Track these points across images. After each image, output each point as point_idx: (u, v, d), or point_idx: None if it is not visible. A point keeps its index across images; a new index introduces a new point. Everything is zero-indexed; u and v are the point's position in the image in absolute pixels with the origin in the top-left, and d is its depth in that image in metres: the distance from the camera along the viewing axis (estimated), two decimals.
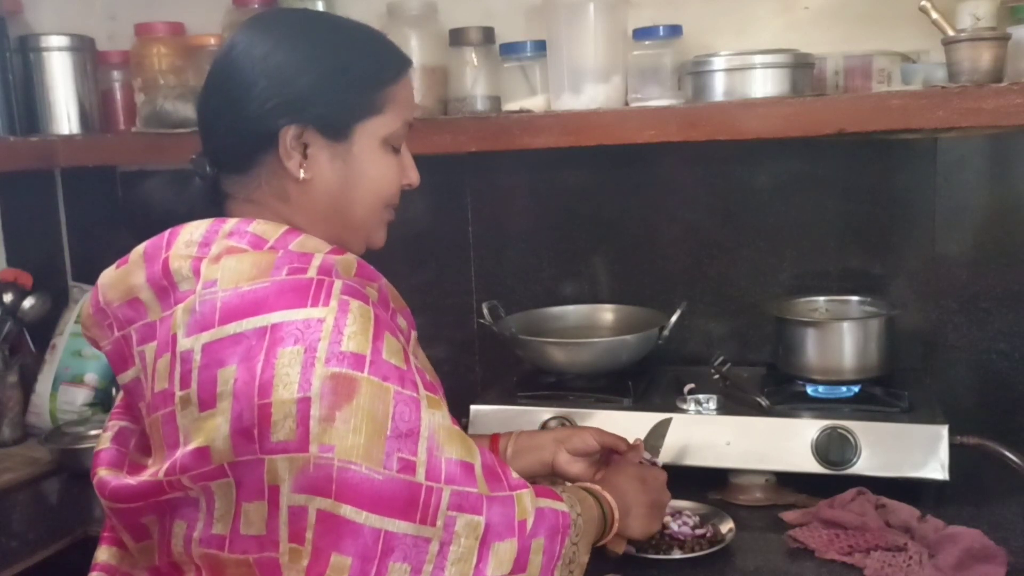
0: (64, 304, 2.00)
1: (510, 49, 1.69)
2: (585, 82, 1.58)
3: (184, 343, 0.96)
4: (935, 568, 1.21)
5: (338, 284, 0.98)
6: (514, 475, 1.03)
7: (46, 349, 1.96)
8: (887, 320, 1.56)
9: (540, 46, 1.65)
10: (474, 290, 1.93)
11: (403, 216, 1.94)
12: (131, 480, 1.02)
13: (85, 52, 1.92)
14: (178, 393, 0.96)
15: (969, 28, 1.36)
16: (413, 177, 1.17)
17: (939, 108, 1.33)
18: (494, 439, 1.37)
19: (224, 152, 1.09)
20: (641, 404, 1.57)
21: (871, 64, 1.58)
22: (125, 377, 1.05)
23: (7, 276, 1.96)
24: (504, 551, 0.98)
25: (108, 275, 1.07)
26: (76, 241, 2.16)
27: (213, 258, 1.00)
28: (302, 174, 1.06)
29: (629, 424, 1.50)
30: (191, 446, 0.94)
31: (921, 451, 1.40)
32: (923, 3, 1.35)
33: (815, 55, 1.54)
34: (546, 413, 1.56)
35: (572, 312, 1.83)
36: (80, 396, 1.90)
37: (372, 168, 1.10)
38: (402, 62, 1.14)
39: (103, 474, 1.06)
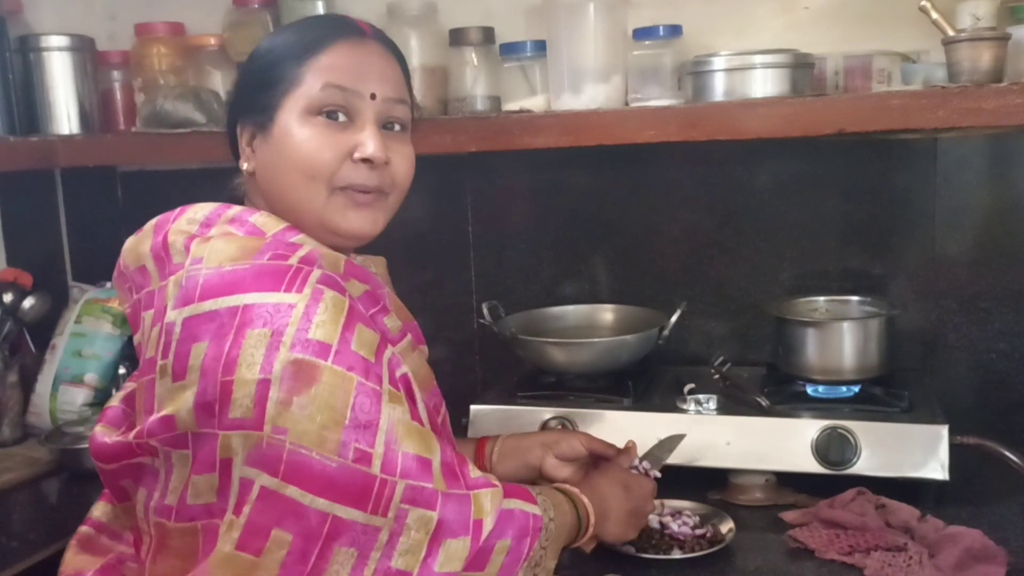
0: (64, 304, 2.00)
1: (510, 49, 1.69)
2: (585, 82, 1.58)
3: (170, 315, 0.99)
4: (935, 568, 1.21)
5: (316, 273, 1.00)
6: (473, 475, 1.04)
7: (46, 349, 1.96)
8: (887, 320, 1.56)
9: (540, 46, 1.65)
10: (474, 290, 1.93)
11: (403, 216, 1.95)
12: (108, 439, 1.07)
13: (85, 52, 1.92)
14: (159, 362, 0.99)
15: (969, 28, 1.36)
16: (367, 148, 1.07)
17: (939, 108, 1.33)
18: (481, 443, 1.38)
19: (232, 156, 1.17)
20: (641, 404, 1.57)
21: (871, 64, 1.58)
22: (137, 339, 1.10)
23: (7, 276, 1.96)
24: (455, 548, 0.98)
25: (129, 242, 1.12)
26: (76, 241, 2.16)
27: (206, 238, 1.04)
28: (245, 166, 1.12)
29: (629, 424, 1.51)
30: (161, 413, 0.98)
31: (921, 451, 1.40)
32: (923, 3, 1.35)
33: (815, 55, 1.54)
34: (546, 413, 1.56)
35: (572, 312, 1.83)
36: (80, 396, 1.90)
37: (291, 141, 1.07)
38: (329, 32, 1.10)
39: (98, 430, 1.11)
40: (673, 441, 1.41)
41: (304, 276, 0.99)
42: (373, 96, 1.09)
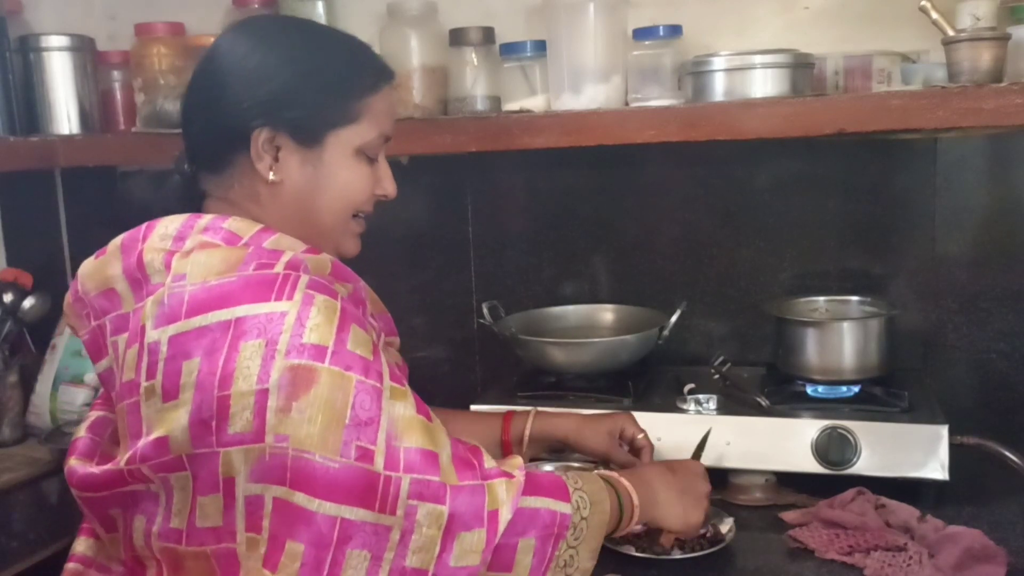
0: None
1: (510, 49, 1.69)
2: (585, 82, 1.58)
3: (152, 335, 0.98)
4: (935, 568, 1.21)
5: (304, 279, 0.99)
6: (488, 464, 1.03)
7: (46, 349, 1.96)
8: (887, 320, 1.56)
9: (540, 46, 1.65)
10: (474, 290, 1.93)
11: (403, 216, 1.96)
12: (96, 469, 1.04)
13: (85, 52, 1.92)
14: (143, 384, 0.97)
15: (969, 28, 1.35)
16: (389, 188, 1.17)
17: (939, 108, 1.33)
18: (506, 420, 1.40)
19: (201, 150, 1.13)
20: (641, 404, 1.57)
21: (871, 64, 1.58)
22: (100, 367, 1.08)
23: (7, 276, 1.96)
24: (471, 541, 0.98)
25: (87, 265, 1.10)
26: (76, 241, 2.16)
27: (185, 252, 1.02)
28: (271, 176, 1.09)
29: None
30: (152, 436, 0.96)
31: (921, 451, 1.40)
32: (923, 3, 1.35)
33: (815, 55, 1.53)
34: None
35: (572, 312, 1.83)
36: (80, 396, 1.90)
37: (342, 177, 1.11)
38: (382, 73, 1.14)
39: (73, 463, 1.08)
40: (703, 441, 1.43)
41: (293, 282, 0.98)
42: (388, 139, 1.16)
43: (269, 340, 0.94)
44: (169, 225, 1.06)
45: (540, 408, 1.43)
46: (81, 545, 1.14)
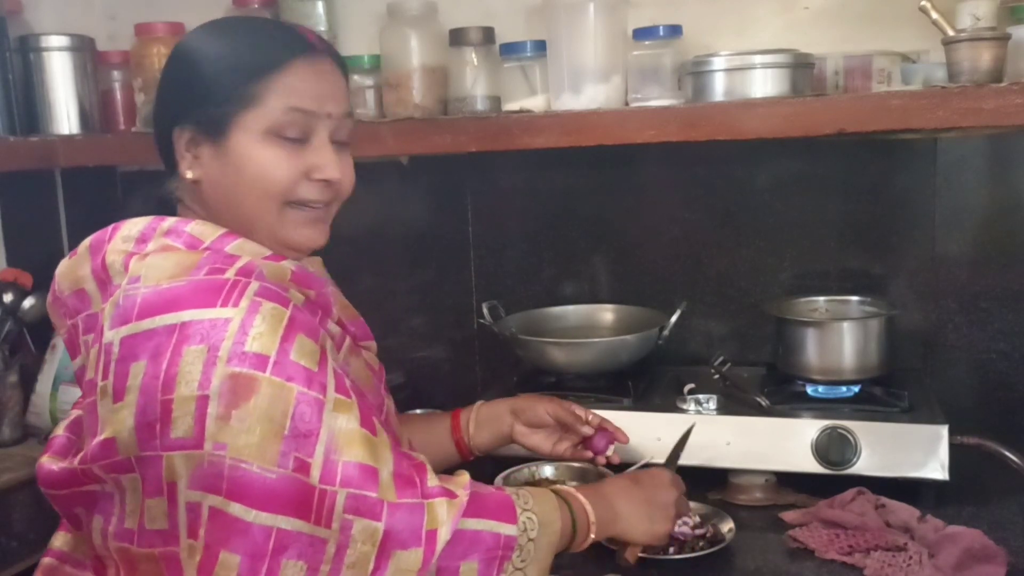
0: None
1: (510, 49, 1.69)
2: (585, 82, 1.58)
3: (107, 335, 0.98)
4: (935, 568, 1.21)
5: (254, 285, 0.99)
6: (431, 483, 1.01)
7: (46, 349, 1.96)
8: (887, 320, 1.56)
9: (540, 46, 1.65)
10: (474, 290, 1.93)
11: (403, 216, 1.96)
12: (56, 467, 1.06)
13: (85, 52, 1.92)
14: (100, 383, 0.98)
15: (969, 28, 1.35)
16: (327, 172, 1.10)
17: (939, 108, 1.33)
18: (455, 414, 1.41)
19: (161, 156, 1.15)
20: (641, 404, 1.57)
21: (871, 64, 1.58)
22: (76, 364, 1.10)
23: (7, 276, 1.96)
24: (407, 560, 0.96)
25: (62, 265, 1.12)
26: (76, 241, 2.09)
27: (143, 255, 1.03)
28: (189, 174, 1.09)
29: (629, 424, 1.50)
30: (102, 436, 0.98)
31: (921, 451, 1.40)
32: (923, 3, 1.35)
33: (815, 55, 1.53)
34: None
35: (572, 312, 1.83)
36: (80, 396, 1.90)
37: (253, 163, 1.07)
38: (286, 49, 1.08)
39: (43, 460, 1.10)
40: (683, 438, 1.40)
41: (241, 289, 0.98)
42: (329, 115, 1.10)
43: (211, 346, 0.94)
44: (133, 227, 1.07)
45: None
46: (59, 540, 1.15)
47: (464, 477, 1.07)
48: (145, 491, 0.96)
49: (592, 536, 1.14)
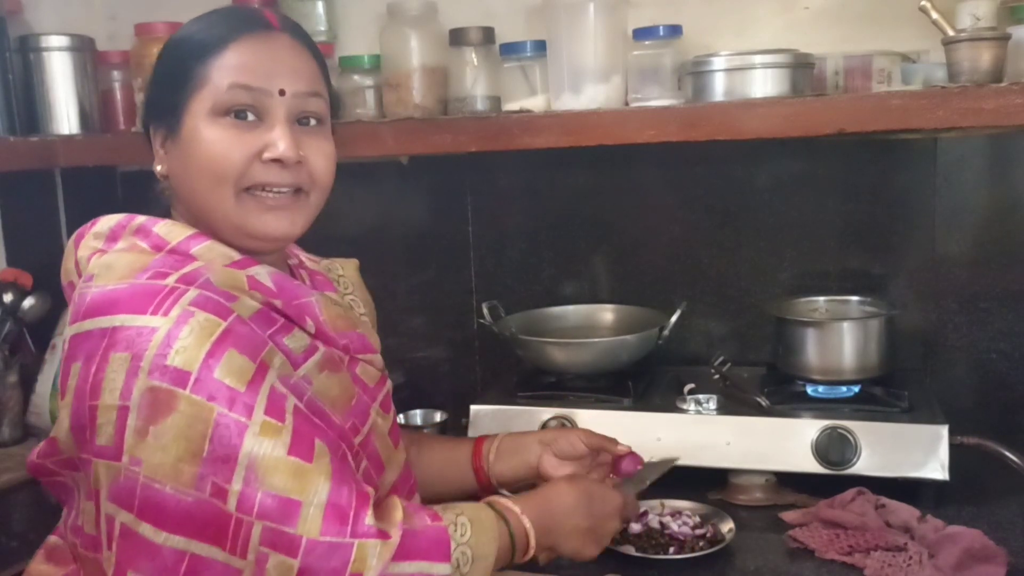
0: (64, 304, 1.99)
1: (510, 49, 1.69)
2: (585, 82, 1.58)
3: (65, 331, 0.98)
4: (935, 568, 1.21)
5: (190, 294, 0.95)
6: (368, 521, 0.94)
7: (46, 349, 1.96)
8: (887, 320, 1.56)
9: (540, 46, 1.65)
10: (474, 290, 1.93)
11: (403, 216, 1.96)
12: (34, 457, 1.07)
13: (85, 52, 1.91)
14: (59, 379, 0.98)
15: (969, 28, 1.35)
16: (277, 149, 1.02)
17: (939, 108, 1.33)
18: (478, 441, 1.33)
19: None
20: (641, 404, 1.57)
21: (871, 64, 1.58)
22: None
23: (7, 276, 1.96)
24: None
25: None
26: None
27: (103, 253, 1.02)
28: (158, 168, 1.08)
29: (629, 424, 1.51)
30: (51, 433, 0.99)
31: (921, 451, 1.40)
32: (923, 3, 1.35)
33: (815, 55, 1.53)
34: (546, 413, 1.56)
35: (572, 312, 1.83)
36: None
37: (200, 145, 1.02)
38: (223, 29, 1.05)
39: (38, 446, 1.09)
40: (664, 464, 1.36)
41: (176, 297, 0.94)
42: (282, 92, 1.03)
43: (135, 355, 0.91)
44: (105, 224, 1.06)
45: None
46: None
47: (398, 513, 0.99)
48: (83, 493, 0.97)
49: (530, 553, 1.10)
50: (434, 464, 1.30)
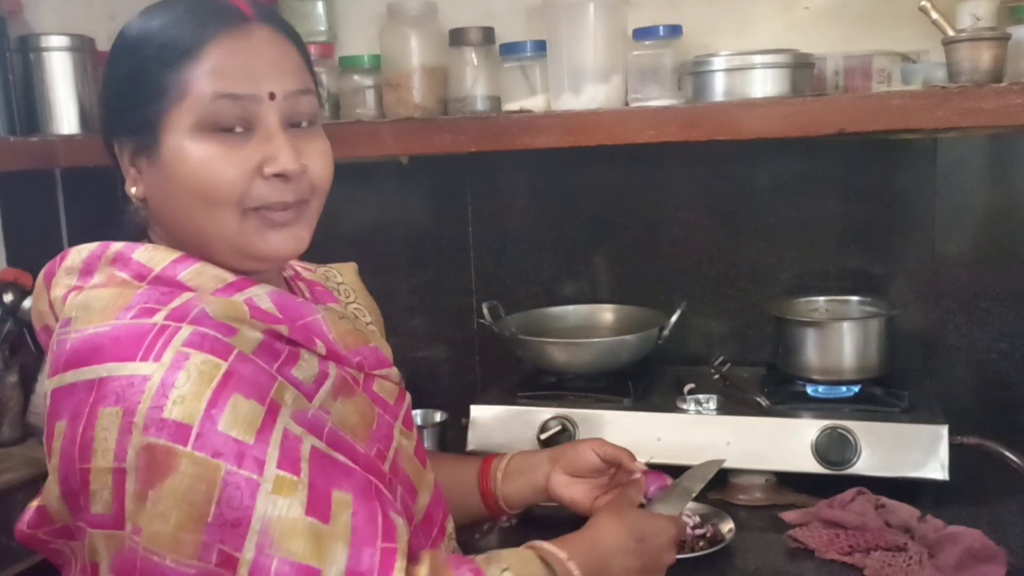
0: None
1: (510, 49, 1.69)
2: (585, 82, 1.58)
3: (46, 385, 0.87)
4: (935, 568, 1.21)
5: (183, 333, 0.83)
6: None
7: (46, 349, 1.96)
8: (887, 320, 1.56)
9: (540, 46, 1.65)
10: (474, 290, 1.93)
11: (403, 216, 1.96)
12: (24, 527, 0.97)
13: (85, 52, 1.91)
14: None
15: (969, 28, 1.35)
16: (280, 163, 0.91)
17: (939, 108, 1.33)
18: (486, 461, 1.26)
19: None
20: (641, 404, 1.57)
21: (871, 64, 1.58)
22: None
23: (7, 276, 1.95)
24: None
25: (30, 300, 1.04)
26: (76, 241, 2.08)
27: (80, 290, 0.90)
28: (133, 191, 0.96)
29: (629, 424, 1.51)
30: (35, 503, 0.89)
31: (921, 451, 1.40)
32: (923, 3, 1.35)
33: (815, 55, 1.53)
34: (546, 413, 1.56)
35: (572, 312, 1.83)
36: None
37: (186, 166, 0.90)
38: (203, 26, 0.91)
39: (31, 504, 1.00)
40: (709, 467, 1.28)
41: (168, 338, 0.83)
42: (272, 96, 0.91)
43: (127, 409, 0.80)
44: (77, 256, 0.94)
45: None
46: None
47: (424, 568, 0.88)
48: (79, 566, 0.88)
49: None
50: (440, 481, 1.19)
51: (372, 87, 1.74)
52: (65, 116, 1.89)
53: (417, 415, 1.72)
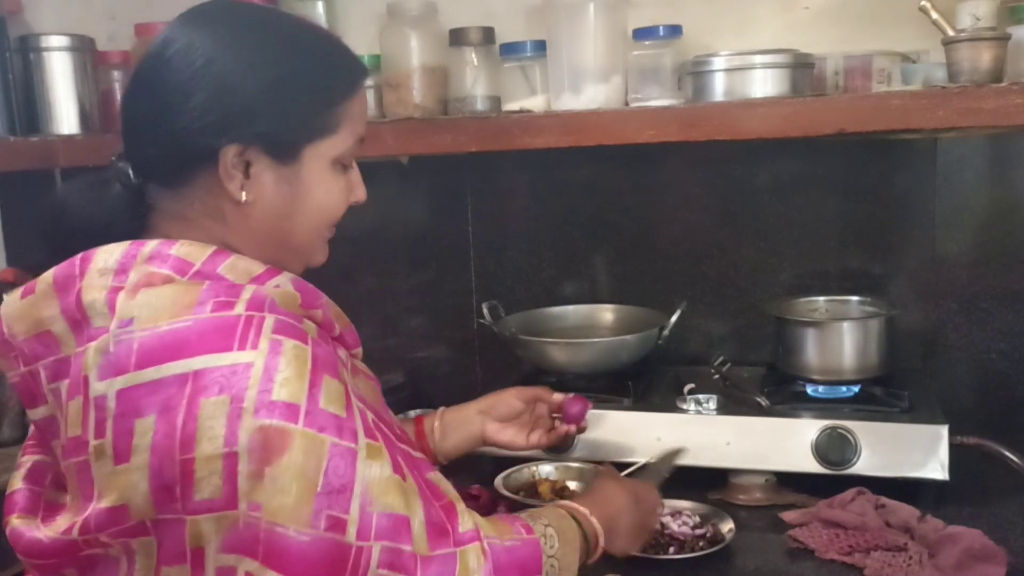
0: None
1: (510, 49, 1.69)
2: (585, 82, 1.58)
3: (97, 387, 0.87)
4: (935, 568, 1.21)
5: (269, 321, 0.89)
6: (463, 528, 0.95)
7: None
8: (887, 320, 1.56)
9: (540, 46, 1.65)
10: (474, 290, 1.93)
11: (403, 216, 1.96)
12: (43, 536, 0.94)
13: (85, 52, 1.91)
14: (92, 442, 0.87)
15: (969, 28, 1.35)
16: (360, 194, 1.07)
17: (939, 108, 1.33)
18: (418, 420, 1.36)
19: (153, 163, 0.98)
20: (641, 404, 1.57)
21: (871, 64, 1.58)
22: (36, 414, 0.97)
23: (7, 276, 1.95)
24: None
25: (12, 305, 0.96)
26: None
27: (131, 290, 0.90)
28: (244, 196, 0.96)
29: (629, 424, 1.51)
30: (104, 503, 0.87)
31: (921, 451, 1.40)
32: (923, 3, 1.35)
33: (815, 55, 1.54)
34: None
35: (572, 312, 1.83)
36: None
37: (320, 191, 1.00)
38: (357, 74, 1.03)
39: (16, 523, 0.97)
40: (673, 456, 1.42)
41: (257, 326, 0.87)
42: (362, 139, 1.05)
43: (234, 396, 0.84)
44: (108, 257, 0.93)
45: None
46: None
47: (477, 517, 0.99)
48: (161, 557, 0.88)
49: (597, 555, 1.12)
50: None
51: (372, 87, 1.74)
52: (65, 116, 1.89)
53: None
